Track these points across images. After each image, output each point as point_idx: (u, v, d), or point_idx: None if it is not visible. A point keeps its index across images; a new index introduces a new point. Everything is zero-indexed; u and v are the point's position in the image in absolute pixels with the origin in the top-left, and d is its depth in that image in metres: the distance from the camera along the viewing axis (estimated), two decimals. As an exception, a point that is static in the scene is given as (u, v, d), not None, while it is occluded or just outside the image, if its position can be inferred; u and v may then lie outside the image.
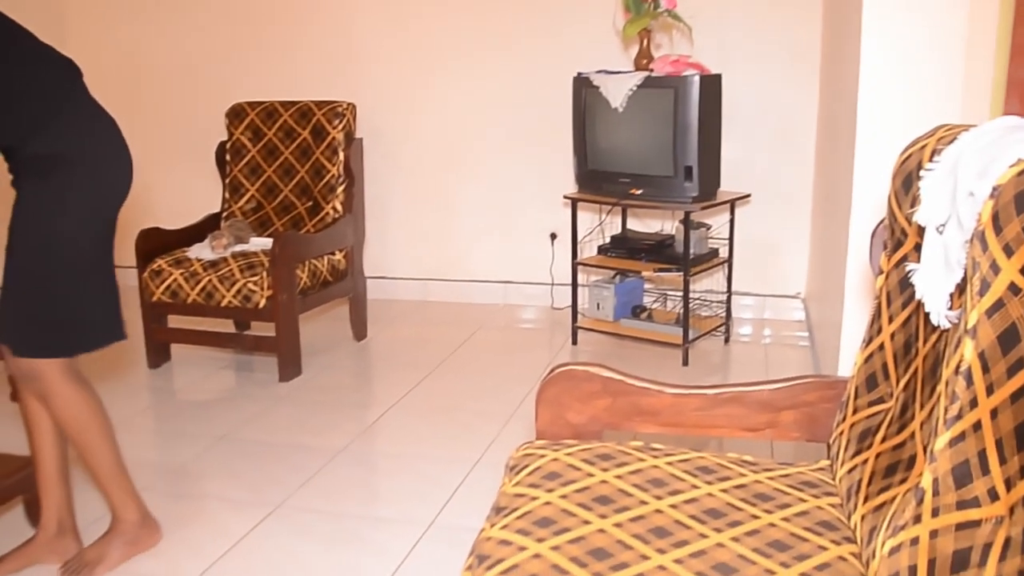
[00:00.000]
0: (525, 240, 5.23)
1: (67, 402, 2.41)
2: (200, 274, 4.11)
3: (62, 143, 2.30)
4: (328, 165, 4.55)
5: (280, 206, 4.67)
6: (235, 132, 4.77)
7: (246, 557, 2.64)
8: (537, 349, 4.50)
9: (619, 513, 1.44)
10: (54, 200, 2.30)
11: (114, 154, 2.43)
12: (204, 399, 4.00)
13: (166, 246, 4.35)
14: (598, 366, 1.82)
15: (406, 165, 5.35)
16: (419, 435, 3.47)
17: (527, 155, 5.13)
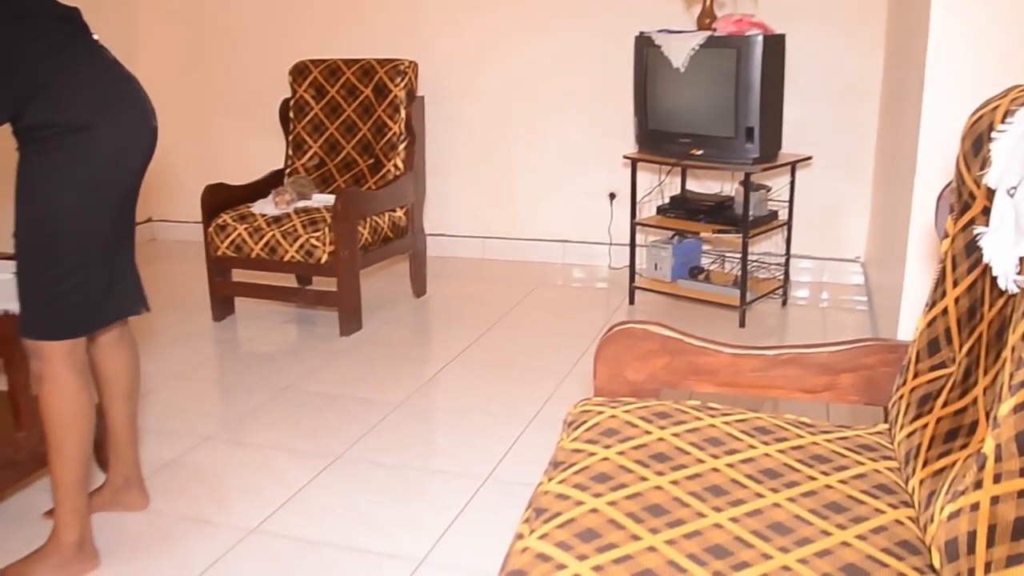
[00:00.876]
0: (584, 200, 5.21)
1: (60, 391, 2.24)
2: (264, 229, 4.15)
3: (59, 112, 2.10)
4: (390, 123, 4.56)
5: (342, 163, 4.70)
6: (298, 90, 4.79)
7: (306, 505, 2.68)
8: (594, 308, 4.50)
9: (676, 471, 1.44)
10: (52, 173, 2.12)
11: (122, 118, 2.20)
12: (267, 351, 4.05)
13: (231, 201, 4.39)
14: (657, 324, 1.81)
15: (467, 123, 5.34)
16: (477, 390, 3.49)
17: (588, 114, 5.09)
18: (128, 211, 2.31)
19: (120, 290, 2.33)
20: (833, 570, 1.20)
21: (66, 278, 2.17)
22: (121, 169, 2.21)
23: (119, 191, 2.23)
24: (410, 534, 2.51)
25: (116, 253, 2.29)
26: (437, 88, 5.23)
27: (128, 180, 2.25)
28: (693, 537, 1.27)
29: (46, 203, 2.13)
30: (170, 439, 3.14)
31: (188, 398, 3.51)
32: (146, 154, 2.28)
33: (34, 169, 2.13)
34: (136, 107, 2.24)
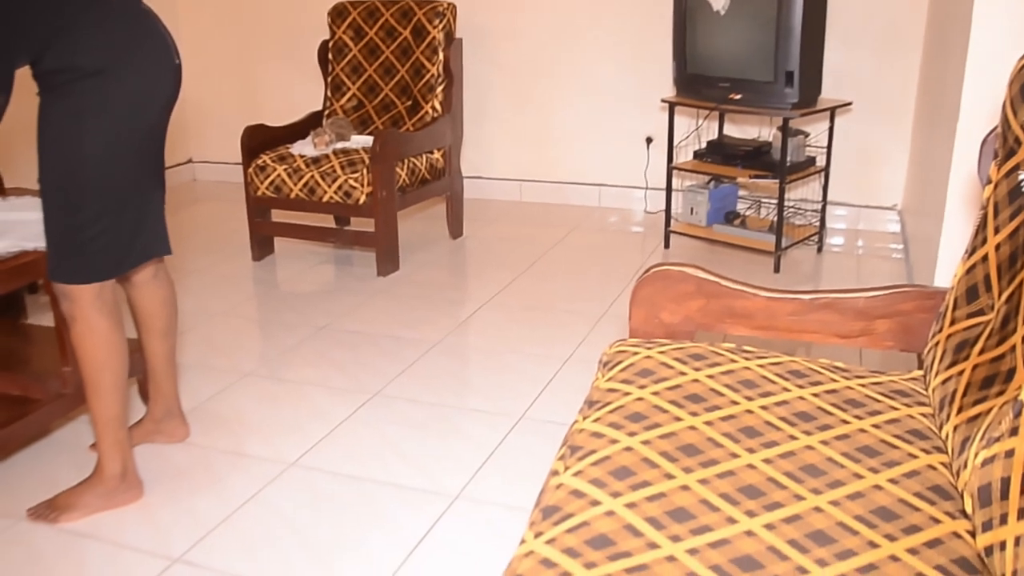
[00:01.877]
0: (621, 143, 5.16)
1: (91, 332, 2.26)
2: (303, 170, 4.15)
3: (77, 56, 2.06)
4: (428, 64, 4.53)
5: (380, 104, 4.68)
6: (337, 31, 4.76)
7: (345, 441, 2.72)
8: (629, 252, 4.48)
9: (710, 412, 1.44)
10: (72, 119, 2.09)
11: (142, 60, 2.15)
12: (305, 291, 4.08)
13: (270, 142, 4.40)
14: (693, 267, 1.80)
15: (505, 66, 5.30)
16: (511, 331, 3.50)
17: (626, 58, 5.03)
18: (154, 153, 2.29)
19: (147, 233, 2.33)
20: (865, 512, 1.20)
21: (90, 224, 2.17)
22: (143, 111, 2.18)
23: (142, 134, 2.21)
24: (445, 470, 2.54)
25: (143, 196, 2.28)
26: (475, 30, 5.18)
27: (151, 122, 2.22)
28: (726, 477, 1.28)
29: (67, 149, 2.11)
30: (211, 375, 3.18)
31: (228, 335, 3.55)
32: (170, 94, 2.26)
33: (54, 115, 2.11)
34: (157, 47, 2.20)
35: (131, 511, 2.39)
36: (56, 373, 2.66)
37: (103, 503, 2.39)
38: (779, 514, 1.20)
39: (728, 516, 1.19)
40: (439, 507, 2.37)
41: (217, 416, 2.89)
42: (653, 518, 1.19)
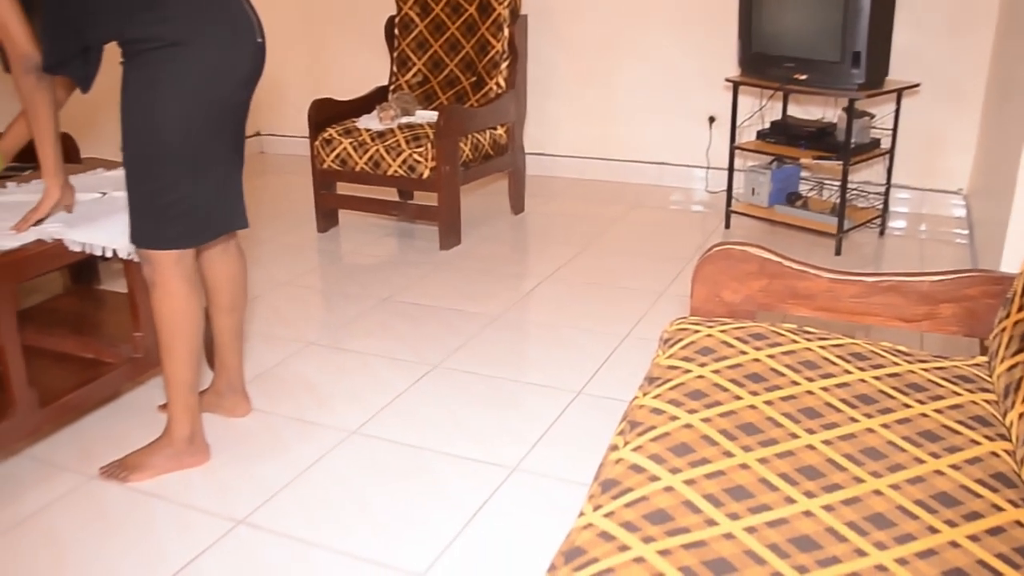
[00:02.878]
0: (683, 122, 5.11)
1: (168, 297, 2.30)
2: (368, 144, 4.18)
3: (160, 27, 2.09)
4: (493, 41, 4.52)
5: (445, 80, 4.68)
6: (404, 7, 4.77)
7: (405, 410, 2.74)
8: (689, 231, 4.45)
9: (770, 392, 1.43)
10: (148, 91, 2.12)
11: (223, 35, 2.17)
12: (368, 263, 4.11)
13: (337, 116, 4.43)
14: (756, 247, 1.78)
15: (569, 43, 5.26)
16: (571, 307, 3.49)
17: (690, 36, 4.98)
18: (233, 128, 2.31)
19: (225, 205, 2.35)
20: (925, 497, 1.18)
21: (167, 190, 2.20)
22: (219, 84, 2.19)
23: (220, 107, 2.23)
24: (504, 442, 2.55)
25: (220, 168, 2.30)
26: (540, 7, 5.16)
27: (227, 96, 2.23)
28: (785, 457, 1.27)
29: (146, 116, 2.15)
30: (276, 343, 3.22)
31: (293, 305, 3.59)
32: (249, 71, 2.27)
33: (135, 82, 2.15)
34: (239, 24, 2.22)
35: (197, 473, 2.44)
36: (128, 338, 2.72)
37: (171, 464, 2.44)
38: (838, 496, 1.19)
39: (787, 496, 1.18)
40: (497, 478, 2.38)
41: (281, 383, 2.93)
42: (711, 495, 1.18)
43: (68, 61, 2.18)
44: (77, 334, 2.81)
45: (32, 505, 2.33)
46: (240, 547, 2.14)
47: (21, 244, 2.32)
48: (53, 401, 2.45)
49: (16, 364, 2.32)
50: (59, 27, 2.13)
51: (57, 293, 3.45)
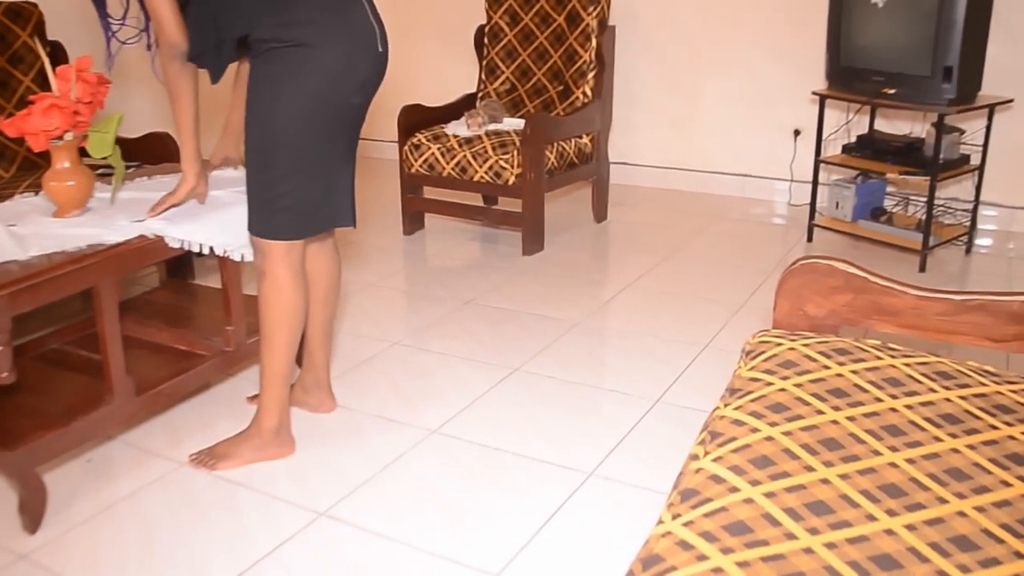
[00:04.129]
0: (768, 135, 5.05)
1: (276, 287, 2.36)
2: (456, 150, 4.20)
3: (287, 28, 2.18)
4: (581, 51, 4.52)
5: (532, 89, 4.69)
6: (494, 16, 4.79)
7: (485, 412, 2.75)
8: (771, 243, 4.38)
9: (853, 407, 1.40)
10: (270, 86, 2.22)
11: (345, 41, 2.24)
12: (452, 266, 4.13)
13: (426, 122, 4.47)
14: (842, 261, 1.75)
15: (656, 53, 5.23)
16: (651, 316, 3.47)
17: (776, 48, 4.91)
18: (347, 129, 2.37)
19: (333, 203, 2.41)
20: (1012, 521, 1.15)
21: (279, 182, 2.27)
22: (339, 87, 2.26)
23: (336, 108, 2.28)
24: (581, 447, 2.54)
25: (332, 168, 2.36)
26: (628, 17, 5.14)
27: (345, 99, 2.29)
28: (867, 474, 1.24)
29: (266, 110, 2.23)
30: (362, 342, 3.26)
31: (379, 305, 3.63)
32: (367, 77, 2.33)
33: (259, 78, 2.24)
34: (362, 32, 2.28)
35: (282, 464, 2.48)
36: (219, 331, 2.77)
37: (257, 455, 2.49)
38: (921, 515, 1.16)
39: (868, 513, 1.16)
40: (573, 482, 2.37)
41: (366, 381, 2.96)
42: (791, 509, 1.16)
43: (205, 52, 2.28)
44: (172, 326, 2.88)
45: (125, 488, 2.40)
46: (322, 538, 2.17)
47: (125, 239, 2.38)
48: (148, 390, 2.51)
49: (116, 353, 2.39)
50: (201, 20, 2.24)
51: (154, 286, 3.54)
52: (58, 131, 2.43)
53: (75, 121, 2.45)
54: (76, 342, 2.83)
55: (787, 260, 4.10)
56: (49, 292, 2.19)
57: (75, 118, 2.44)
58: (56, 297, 2.22)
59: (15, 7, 3.77)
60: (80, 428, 2.32)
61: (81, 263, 2.24)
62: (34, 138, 2.41)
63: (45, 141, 2.43)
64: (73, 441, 2.33)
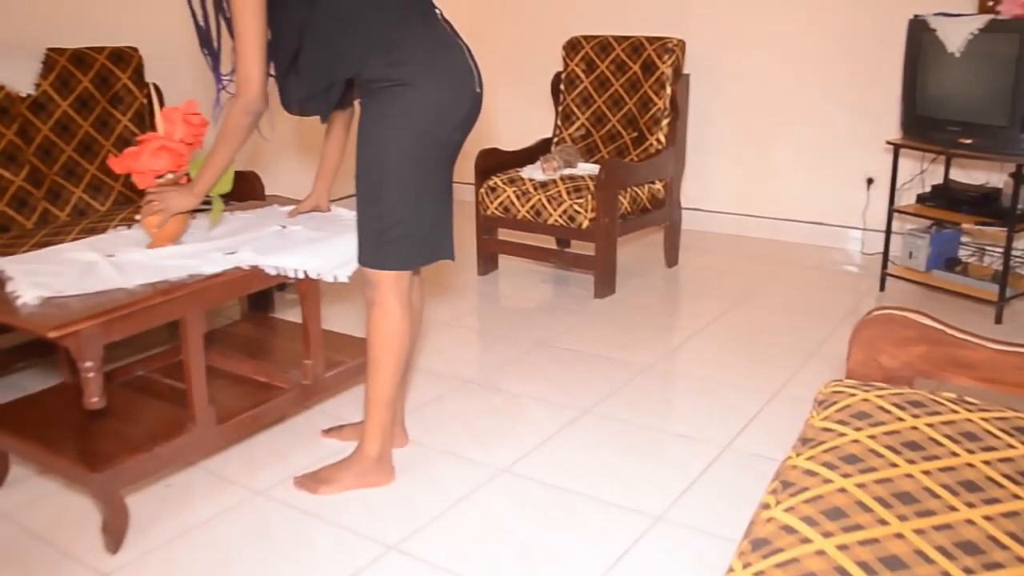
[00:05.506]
0: (840, 183, 4.98)
1: (385, 316, 2.41)
2: (531, 193, 4.22)
3: (394, 69, 2.25)
4: (655, 99, 4.52)
5: (607, 135, 4.71)
6: (571, 64, 4.82)
7: (555, 452, 2.73)
8: (843, 292, 4.31)
9: (928, 461, 1.36)
10: (379, 122, 2.29)
11: (447, 81, 2.31)
12: (525, 307, 4.14)
13: (502, 165, 4.50)
14: (918, 312, 1.71)
15: (729, 101, 5.22)
16: (721, 361, 3.43)
17: (850, 97, 4.86)
18: (447, 165, 2.42)
19: (437, 236, 2.45)
20: (1094, 581, 1.10)
21: (388, 214, 2.32)
22: (441, 124, 2.32)
23: (439, 144, 2.34)
24: (649, 491, 2.51)
25: (436, 202, 2.40)
26: (702, 66, 5.13)
27: (447, 136, 2.35)
28: (943, 530, 1.20)
29: (376, 145, 2.30)
30: (435, 379, 3.27)
31: (453, 343, 3.64)
32: (466, 115, 2.39)
33: (369, 116, 2.31)
34: (462, 73, 2.35)
35: (355, 497, 2.49)
36: (298, 365, 2.81)
37: (357, 481, 2.53)
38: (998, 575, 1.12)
39: (944, 570, 1.12)
40: (641, 526, 2.34)
41: (438, 418, 2.97)
42: (864, 563, 1.13)
43: (315, 96, 2.35)
44: (253, 358, 2.92)
45: (202, 514, 2.43)
46: (392, 572, 2.17)
47: (222, 270, 2.44)
48: (228, 419, 2.55)
49: (199, 383, 2.43)
50: (313, 66, 2.31)
51: (236, 319, 3.60)
52: (164, 171, 2.50)
53: (180, 162, 2.52)
54: (162, 370, 2.89)
55: (859, 309, 4.03)
56: (140, 322, 2.24)
57: (181, 159, 2.51)
58: (146, 327, 2.28)
59: (118, 52, 3.90)
60: (163, 454, 2.37)
61: (170, 295, 2.29)
62: (141, 176, 2.49)
63: (151, 179, 2.50)
64: (156, 466, 2.37)
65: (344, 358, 2.91)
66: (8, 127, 3.49)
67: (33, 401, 2.63)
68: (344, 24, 2.27)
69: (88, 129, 3.76)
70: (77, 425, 2.46)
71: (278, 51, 2.35)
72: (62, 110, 3.68)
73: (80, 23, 4.15)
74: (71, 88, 3.72)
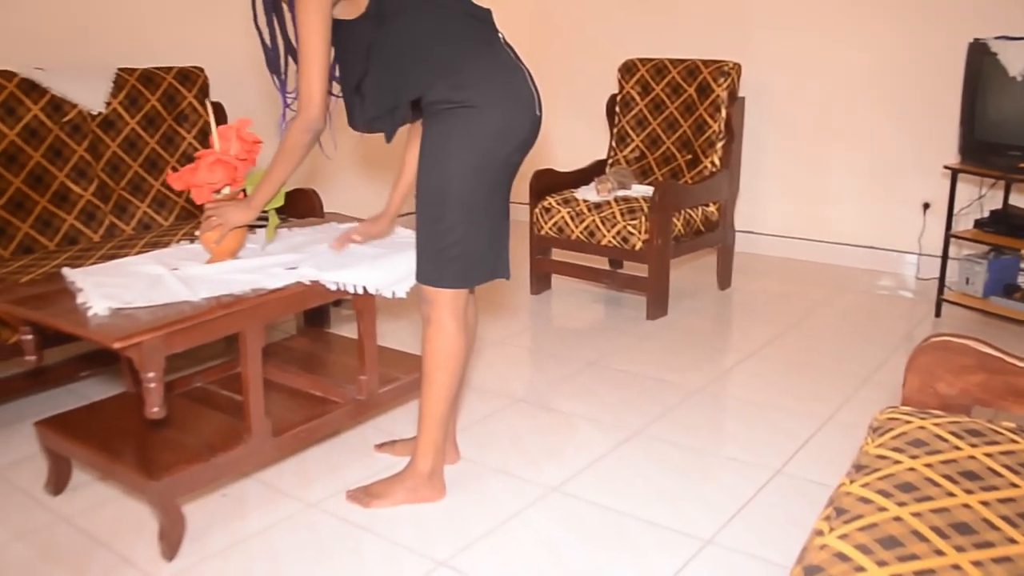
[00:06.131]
0: (895, 207, 4.91)
1: (439, 334, 2.42)
2: (585, 214, 4.22)
3: (458, 91, 2.28)
4: (710, 121, 4.50)
5: (661, 157, 4.69)
6: (626, 86, 4.82)
7: (605, 473, 2.71)
8: (897, 317, 4.24)
9: (986, 491, 1.33)
10: (441, 143, 2.31)
11: (508, 104, 2.33)
12: (577, 327, 4.13)
13: (557, 186, 4.50)
14: (976, 340, 1.68)
15: (784, 124, 5.17)
16: (773, 385, 3.39)
17: (906, 121, 4.79)
18: (505, 186, 2.44)
19: (493, 255, 2.46)
20: None
21: (448, 233, 2.34)
22: (501, 146, 2.34)
23: (498, 165, 2.36)
24: (699, 514, 2.48)
25: (494, 221, 2.42)
26: (758, 89, 5.10)
27: (506, 157, 2.37)
28: (1002, 563, 1.17)
29: (436, 165, 2.32)
30: (487, 397, 3.27)
31: (505, 362, 3.64)
32: (525, 138, 2.41)
33: (432, 136, 2.34)
34: (522, 96, 2.38)
35: (404, 512, 2.49)
36: (353, 380, 2.82)
37: (408, 496, 2.53)
38: (1060, 608, 1.08)
39: (1002, 603, 1.09)
40: (691, 549, 2.31)
41: (489, 436, 2.97)
42: (920, 593, 1.11)
43: (381, 117, 2.38)
44: (309, 372, 2.95)
45: (256, 525, 2.45)
46: (441, 588, 2.17)
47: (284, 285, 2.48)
48: (284, 432, 2.57)
49: (257, 396, 2.45)
50: (380, 87, 2.35)
51: (292, 334, 3.63)
52: (220, 185, 2.54)
53: (235, 176, 2.55)
54: (220, 382, 2.92)
55: (914, 335, 3.96)
56: (201, 335, 2.27)
57: (235, 173, 2.55)
58: (207, 340, 2.31)
59: (184, 71, 3.98)
60: (219, 464, 2.39)
61: (231, 308, 2.32)
62: (198, 191, 2.53)
63: (208, 194, 2.54)
64: (212, 476, 2.40)
65: (398, 374, 2.92)
66: (80, 144, 3.57)
67: (96, 409, 2.68)
68: (411, 47, 2.30)
69: (154, 146, 3.84)
70: (137, 434, 2.49)
71: (345, 71, 2.39)
72: (130, 127, 3.76)
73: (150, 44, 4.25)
74: (139, 106, 3.80)
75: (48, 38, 3.89)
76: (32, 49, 3.82)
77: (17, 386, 3.11)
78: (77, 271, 2.57)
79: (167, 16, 4.35)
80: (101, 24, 4.08)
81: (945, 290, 4.23)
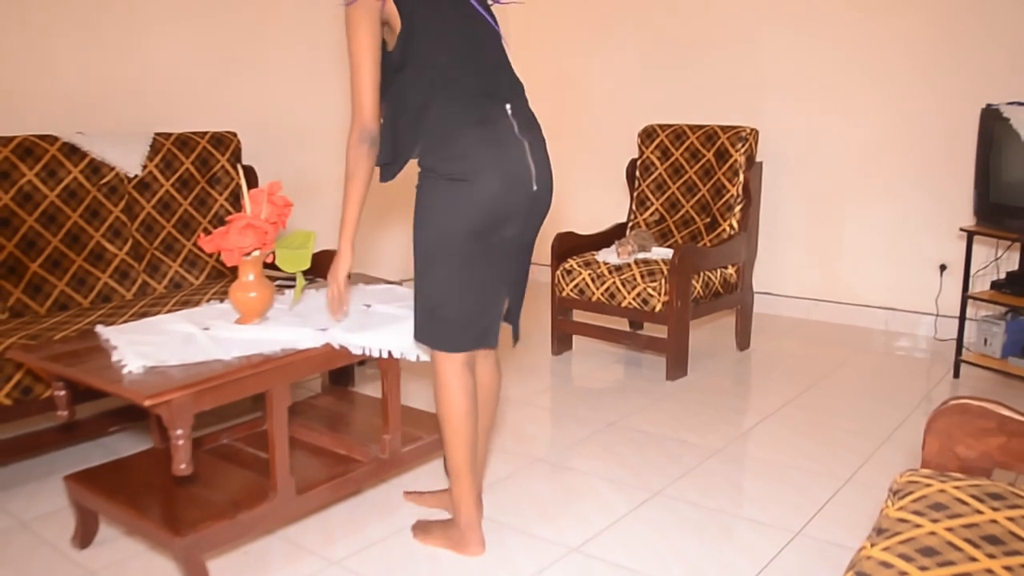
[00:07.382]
0: (912, 269, 4.89)
1: (441, 389, 2.43)
2: (606, 276, 4.22)
3: (444, 163, 2.28)
4: (728, 185, 4.51)
5: (681, 220, 4.70)
6: (646, 151, 4.85)
7: (625, 534, 2.68)
8: (915, 378, 4.19)
9: (1009, 556, 1.30)
10: (429, 210, 2.32)
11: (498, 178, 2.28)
12: (597, 387, 4.10)
13: (578, 248, 4.51)
14: (996, 403, 1.65)
15: (801, 188, 5.18)
16: (792, 446, 3.34)
17: (922, 184, 4.79)
18: (502, 258, 2.41)
19: (482, 325, 2.43)
20: None
21: (433, 295, 2.36)
22: (488, 220, 2.31)
23: (486, 238, 2.33)
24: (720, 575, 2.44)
25: (486, 291, 2.40)
26: (775, 153, 5.12)
27: (495, 231, 2.34)
28: (1026, 628, 1.14)
29: (422, 232, 2.35)
30: (507, 456, 3.24)
31: (525, 422, 3.62)
32: (520, 212, 2.36)
33: (421, 200, 2.37)
34: (517, 170, 2.33)
35: (425, 570, 2.46)
36: (377, 439, 2.81)
37: (448, 543, 2.57)
38: (1086, 677, 1.05)
39: (1027, 670, 1.06)
40: (711, 610, 2.27)
41: (510, 495, 2.94)
42: (943, 660, 1.08)
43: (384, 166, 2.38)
44: (333, 431, 2.94)
45: (280, 584, 2.42)
46: (461, 648, 2.13)
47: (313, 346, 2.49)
48: (308, 490, 2.56)
49: (282, 453, 2.45)
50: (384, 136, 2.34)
51: (317, 392, 3.63)
52: (250, 249, 2.56)
53: (264, 240, 2.57)
54: (245, 439, 2.92)
55: (932, 396, 3.91)
56: (229, 393, 2.28)
57: (265, 237, 2.57)
58: (234, 398, 2.31)
59: (218, 136, 4.04)
60: (244, 521, 2.38)
61: (259, 368, 2.32)
62: (229, 254, 2.55)
63: (239, 256, 2.56)
64: (237, 533, 2.38)
65: (421, 433, 2.91)
66: (116, 204, 3.62)
67: (124, 465, 2.68)
68: (407, 113, 2.32)
69: (187, 207, 3.89)
70: (164, 489, 2.49)
71: None
72: (164, 189, 3.81)
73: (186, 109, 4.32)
74: (174, 169, 3.86)
75: (89, 104, 3.97)
76: (74, 114, 3.90)
77: (48, 439, 3.12)
78: (111, 329, 2.59)
79: (202, 82, 4.44)
80: (140, 90, 4.16)
81: (963, 351, 4.19)
